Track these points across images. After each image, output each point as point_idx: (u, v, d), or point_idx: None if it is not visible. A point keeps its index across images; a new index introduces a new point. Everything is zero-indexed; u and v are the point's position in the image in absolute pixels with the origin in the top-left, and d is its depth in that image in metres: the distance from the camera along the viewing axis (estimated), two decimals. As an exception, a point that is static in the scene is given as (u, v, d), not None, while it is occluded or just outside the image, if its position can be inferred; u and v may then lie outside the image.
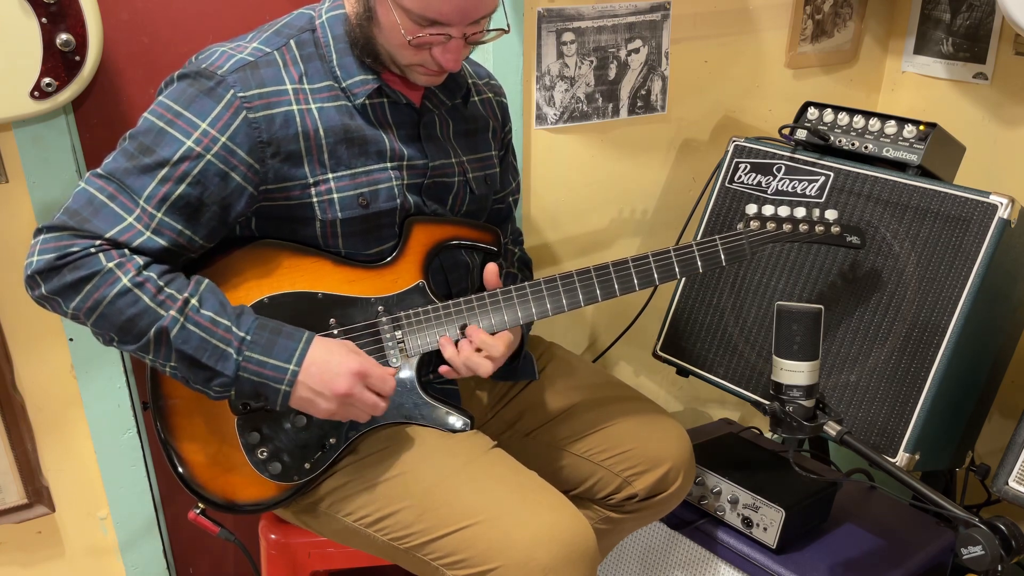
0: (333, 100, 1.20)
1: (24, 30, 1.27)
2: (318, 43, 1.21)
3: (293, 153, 1.17)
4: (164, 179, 1.11)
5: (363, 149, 1.22)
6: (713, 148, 2.09)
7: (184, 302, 1.10)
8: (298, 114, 1.17)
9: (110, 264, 1.08)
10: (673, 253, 1.31)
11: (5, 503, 1.57)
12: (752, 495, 1.54)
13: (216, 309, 1.12)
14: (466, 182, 1.34)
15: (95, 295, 1.08)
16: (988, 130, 2.07)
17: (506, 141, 1.48)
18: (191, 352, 1.10)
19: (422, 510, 1.20)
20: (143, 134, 1.13)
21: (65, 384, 1.59)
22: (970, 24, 2.06)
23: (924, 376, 1.43)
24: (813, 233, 1.38)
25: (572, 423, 1.41)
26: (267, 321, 1.15)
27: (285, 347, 1.13)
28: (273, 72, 1.17)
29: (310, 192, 1.19)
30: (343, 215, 1.21)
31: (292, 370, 1.13)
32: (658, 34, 1.90)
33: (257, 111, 1.14)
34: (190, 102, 1.13)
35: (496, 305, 1.27)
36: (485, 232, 1.33)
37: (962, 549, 1.12)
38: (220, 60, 1.15)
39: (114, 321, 1.09)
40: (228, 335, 1.11)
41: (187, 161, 1.11)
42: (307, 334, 1.15)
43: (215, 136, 1.12)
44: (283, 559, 1.46)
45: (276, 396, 1.14)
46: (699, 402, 2.31)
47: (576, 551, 1.17)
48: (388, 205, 1.24)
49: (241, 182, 1.15)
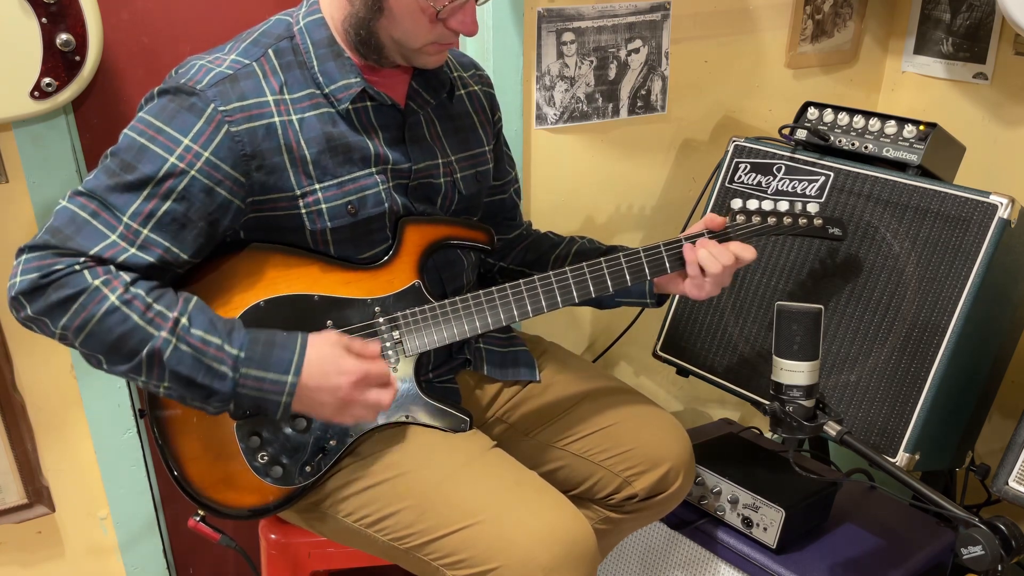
0: (315, 108, 1.19)
1: (24, 30, 1.27)
2: (297, 50, 1.20)
3: (277, 165, 1.16)
4: (149, 196, 1.09)
5: (347, 156, 1.21)
6: (713, 148, 2.09)
7: (175, 322, 1.08)
8: (280, 126, 1.16)
9: (96, 281, 1.06)
10: (664, 248, 1.33)
11: (5, 503, 1.57)
12: (752, 495, 1.54)
13: (206, 327, 1.10)
14: (453, 183, 1.34)
15: (83, 314, 1.05)
16: (988, 130, 2.07)
17: (497, 131, 1.47)
18: (186, 373, 1.08)
19: (422, 510, 1.20)
20: (124, 151, 1.11)
21: (65, 384, 1.59)
22: (970, 24, 2.06)
23: (924, 376, 1.43)
24: (796, 226, 1.39)
25: (572, 423, 1.41)
26: (258, 334, 1.13)
27: (281, 359, 1.12)
28: (253, 84, 1.16)
29: (298, 204, 1.18)
30: (332, 224, 1.20)
31: (291, 381, 1.12)
32: (658, 34, 1.90)
33: (239, 124, 1.13)
34: (172, 118, 1.12)
35: (492, 303, 1.27)
36: (479, 231, 1.34)
37: (962, 549, 1.12)
38: (199, 75, 1.14)
39: (103, 340, 1.07)
40: (220, 353, 1.09)
41: (171, 178, 1.10)
42: (300, 340, 1.14)
43: (198, 151, 1.11)
44: (283, 559, 1.46)
45: (276, 408, 1.13)
46: (699, 402, 2.31)
47: (576, 551, 1.17)
48: (376, 210, 1.23)
49: (227, 196, 1.14)
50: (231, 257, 1.21)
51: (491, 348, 1.44)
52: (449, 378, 1.38)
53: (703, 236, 1.33)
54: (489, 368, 1.42)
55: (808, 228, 1.40)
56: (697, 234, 1.34)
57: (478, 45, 1.74)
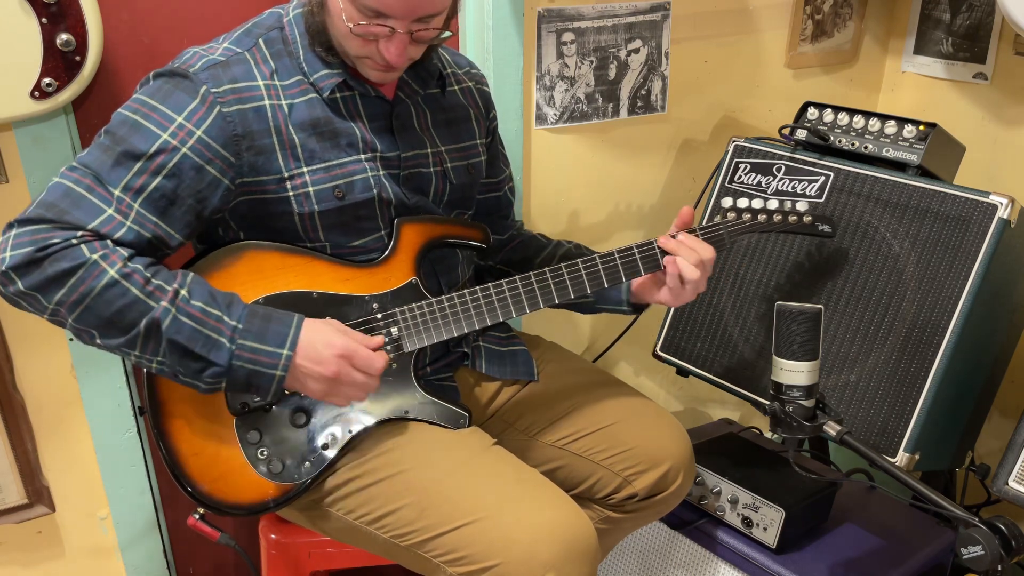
0: (304, 95, 1.21)
1: (24, 30, 1.27)
2: (286, 40, 1.23)
3: (266, 147, 1.18)
4: (140, 171, 1.11)
5: (335, 142, 1.23)
6: (713, 148, 2.09)
7: (175, 293, 1.09)
8: (270, 109, 1.19)
9: (94, 256, 1.06)
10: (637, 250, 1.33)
11: (5, 503, 1.57)
12: (752, 495, 1.54)
13: (206, 299, 1.11)
14: (444, 172, 1.34)
15: (81, 288, 1.05)
16: (988, 130, 2.07)
17: (492, 128, 1.47)
18: (183, 342, 1.09)
19: (423, 507, 1.20)
20: (118, 127, 1.13)
21: (65, 384, 1.59)
22: (970, 24, 2.06)
23: (924, 376, 1.43)
24: (786, 223, 1.40)
25: (572, 422, 1.41)
26: (257, 308, 1.15)
27: (277, 332, 1.13)
28: (244, 69, 1.19)
29: (285, 186, 1.20)
30: (320, 207, 1.22)
31: (286, 354, 1.13)
32: (658, 34, 1.90)
33: (230, 105, 1.15)
34: (166, 97, 1.14)
35: (489, 300, 1.27)
36: (474, 230, 1.35)
37: (962, 549, 1.12)
38: (192, 60, 1.18)
39: (101, 314, 1.07)
40: (219, 324, 1.10)
41: (163, 154, 1.12)
42: (297, 317, 1.15)
43: (191, 130, 1.13)
44: (283, 559, 1.46)
45: (270, 382, 1.13)
46: (699, 402, 2.31)
47: (577, 548, 1.17)
48: (364, 196, 1.24)
49: (216, 175, 1.15)
50: (231, 256, 1.22)
51: (490, 346, 1.45)
52: (448, 375, 1.39)
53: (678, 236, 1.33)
54: (488, 366, 1.43)
55: (797, 225, 1.42)
56: (670, 235, 1.33)
57: (478, 45, 1.75)
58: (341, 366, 1.14)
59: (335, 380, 1.15)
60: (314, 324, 1.16)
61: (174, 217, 1.14)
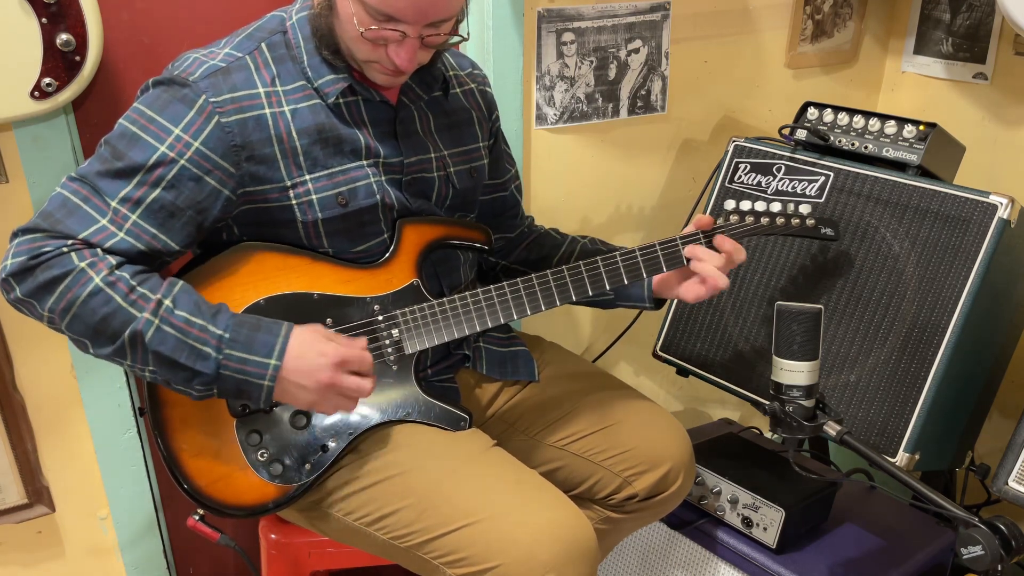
0: (307, 100, 1.20)
1: (24, 30, 1.27)
2: (289, 44, 1.22)
3: (267, 156, 1.17)
4: (139, 183, 1.11)
5: (338, 148, 1.22)
6: (713, 148, 2.09)
7: (157, 303, 1.09)
8: (271, 117, 1.17)
9: (82, 264, 1.07)
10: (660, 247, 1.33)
11: (5, 503, 1.57)
12: (752, 495, 1.54)
13: (190, 309, 1.11)
14: (447, 176, 1.34)
15: (68, 295, 1.06)
16: (988, 130, 2.07)
17: (494, 130, 1.47)
18: (168, 353, 1.09)
19: (422, 509, 1.20)
20: (117, 139, 1.13)
21: (65, 384, 1.59)
22: (970, 24, 2.06)
23: (924, 376, 1.43)
24: (789, 226, 1.40)
25: (572, 423, 1.41)
26: (244, 317, 1.14)
27: (265, 342, 1.12)
28: (245, 76, 1.17)
29: (288, 195, 1.19)
30: (323, 215, 1.21)
31: (274, 364, 1.12)
32: (658, 34, 1.90)
33: (229, 115, 1.14)
34: (163, 108, 1.14)
35: (491, 302, 1.27)
36: (476, 231, 1.35)
37: (962, 549, 1.12)
38: (192, 67, 1.16)
39: (87, 322, 1.07)
40: (204, 334, 1.10)
41: (161, 166, 1.11)
42: (285, 326, 1.15)
43: (188, 141, 1.12)
44: (283, 559, 1.46)
45: (259, 392, 1.13)
46: (699, 402, 2.31)
47: (577, 549, 1.17)
48: (368, 202, 1.24)
49: (216, 186, 1.15)
50: (232, 256, 1.21)
51: (490, 347, 1.44)
52: (449, 377, 1.39)
53: (698, 236, 1.34)
54: (488, 367, 1.43)
55: (801, 228, 1.41)
56: (692, 234, 1.35)
57: (478, 45, 1.74)
58: (335, 374, 1.14)
59: (328, 388, 1.14)
60: (302, 333, 1.15)
61: (174, 228, 1.14)
